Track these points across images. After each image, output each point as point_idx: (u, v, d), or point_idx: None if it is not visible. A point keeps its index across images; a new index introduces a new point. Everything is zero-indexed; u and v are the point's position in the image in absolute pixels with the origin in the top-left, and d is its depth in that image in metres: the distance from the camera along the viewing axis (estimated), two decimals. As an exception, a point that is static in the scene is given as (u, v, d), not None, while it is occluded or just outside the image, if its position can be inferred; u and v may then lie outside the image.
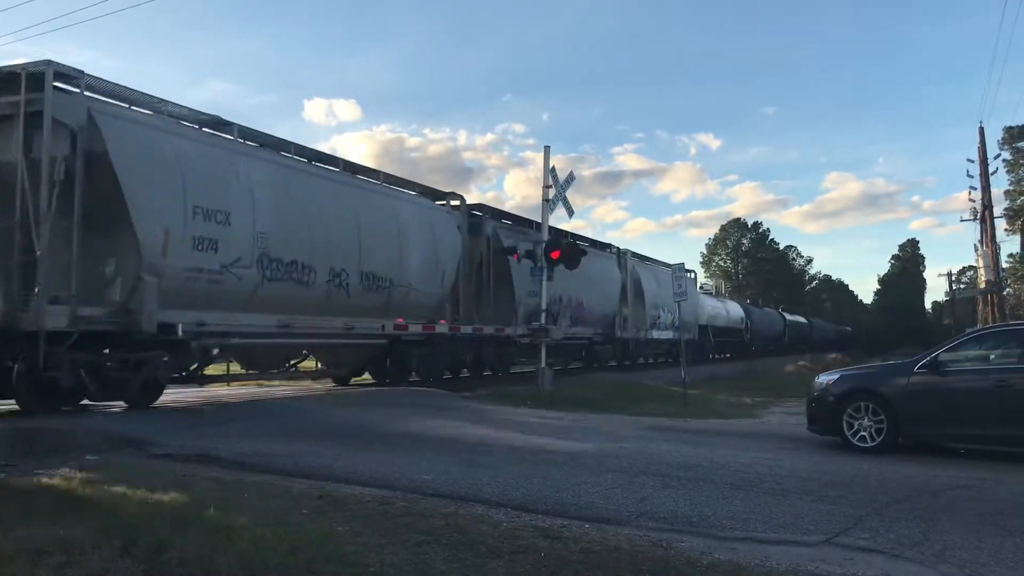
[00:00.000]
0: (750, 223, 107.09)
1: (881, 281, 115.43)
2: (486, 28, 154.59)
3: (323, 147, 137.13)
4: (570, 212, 20.68)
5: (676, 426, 13.20)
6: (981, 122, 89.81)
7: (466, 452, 9.62)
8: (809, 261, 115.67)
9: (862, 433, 10.20)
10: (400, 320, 17.80)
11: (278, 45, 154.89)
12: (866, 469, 8.87)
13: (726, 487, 7.73)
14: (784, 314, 67.73)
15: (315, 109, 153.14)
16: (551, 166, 20.08)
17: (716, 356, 45.00)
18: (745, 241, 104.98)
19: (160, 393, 13.35)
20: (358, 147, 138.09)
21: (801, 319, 75.23)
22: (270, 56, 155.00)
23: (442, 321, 19.20)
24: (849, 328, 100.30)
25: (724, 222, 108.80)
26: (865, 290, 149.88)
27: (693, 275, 37.35)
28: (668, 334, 32.15)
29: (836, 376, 11.06)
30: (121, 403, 12.74)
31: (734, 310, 48.28)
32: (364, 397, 16.55)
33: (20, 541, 5.06)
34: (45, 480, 7.09)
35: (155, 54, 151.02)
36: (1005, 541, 5.93)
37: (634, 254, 32.02)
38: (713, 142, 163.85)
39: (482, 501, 7.04)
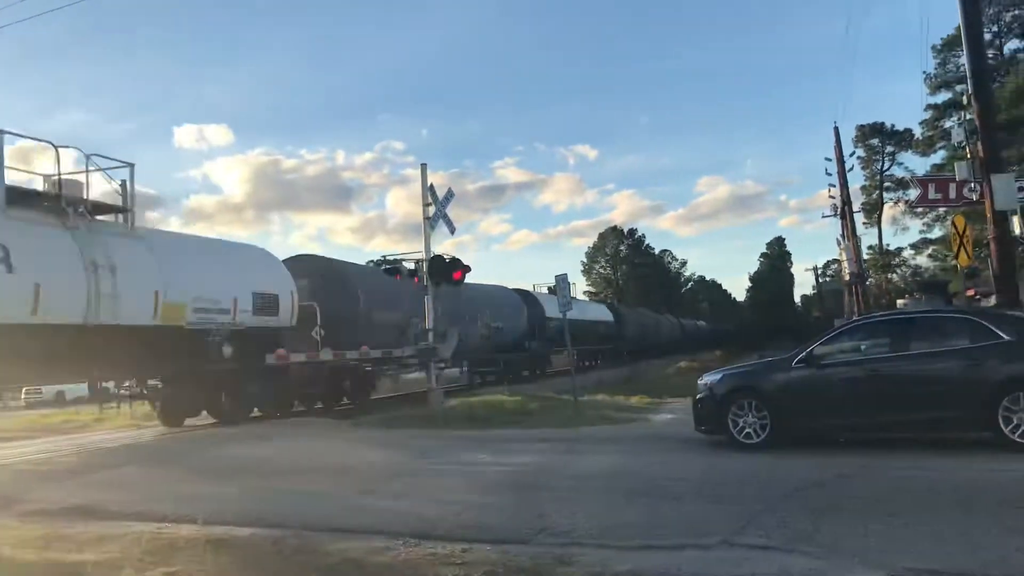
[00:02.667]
0: (626, 230, 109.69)
1: (752, 279, 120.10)
2: (355, 45, 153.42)
3: (195, 173, 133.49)
4: (451, 229, 20.57)
5: (569, 436, 13.24)
6: (835, 122, 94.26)
7: (361, 482, 9.38)
8: (684, 264, 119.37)
9: (747, 430, 10.45)
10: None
11: (134, 72, 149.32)
12: (755, 466, 9.09)
13: (623, 495, 7.79)
14: (659, 316, 69.39)
15: (185, 135, 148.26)
16: (429, 184, 19.96)
17: (594, 363, 45.38)
18: (623, 248, 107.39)
19: None
20: (231, 173, 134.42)
21: (674, 320, 77.32)
22: (127, 83, 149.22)
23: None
24: (727, 327, 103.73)
25: (603, 230, 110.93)
26: (738, 288, 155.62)
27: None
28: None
29: (719, 376, 11.30)
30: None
31: (603, 314, 48.68)
32: (238, 433, 15.95)
33: None
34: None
35: (3, 84, 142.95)
36: (891, 525, 6.15)
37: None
38: (591, 152, 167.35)
39: (381, 532, 6.84)
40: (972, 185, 16.64)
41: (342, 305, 21.40)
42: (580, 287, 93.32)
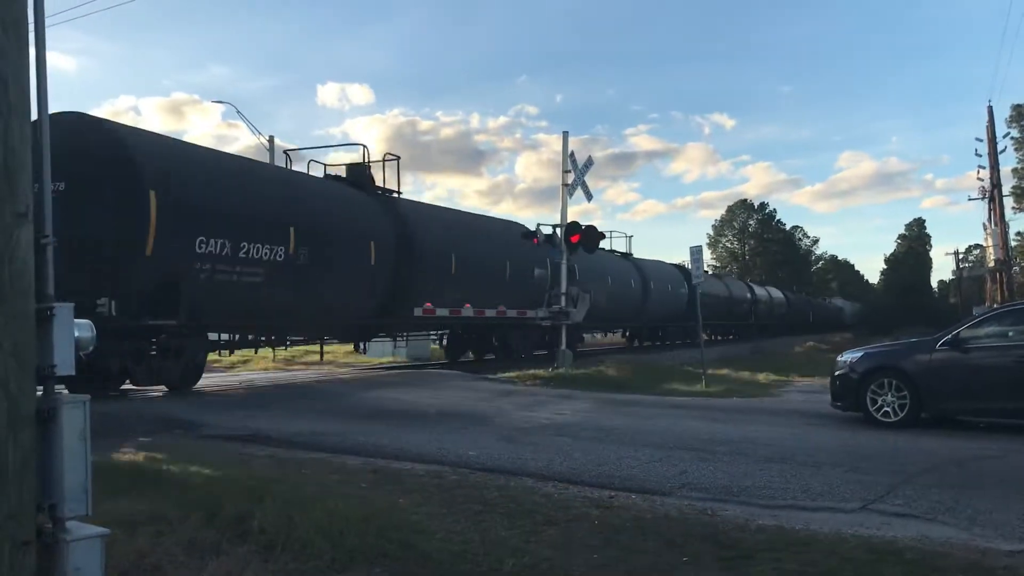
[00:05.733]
0: (757, 204, 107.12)
1: (887, 260, 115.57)
2: (498, 4, 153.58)
3: (335, 131, 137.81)
4: (588, 196, 20.92)
5: (701, 404, 13.51)
6: (990, 101, 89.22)
7: (503, 429, 9.95)
8: (815, 241, 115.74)
9: (885, 408, 10.52)
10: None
11: (278, 29, 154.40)
12: (892, 442, 9.20)
13: (761, 460, 8.05)
14: (787, 293, 67.84)
15: (328, 93, 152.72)
16: (570, 151, 20.33)
17: (723, 337, 45.20)
18: (751, 222, 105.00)
19: (199, 378, 13.73)
20: (370, 131, 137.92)
21: (806, 298, 75.42)
22: (270, 40, 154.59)
23: (467, 304, 19.58)
24: (858, 306, 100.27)
25: (732, 203, 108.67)
26: (871, 269, 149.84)
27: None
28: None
29: (859, 354, 11.37)
30: (162, 388, 13.13)
31: (738, 290, 48.37)
32: (391, 378, 16.90)
33: (112, 514, 5.38)
34: (114, 459, 7.42)
35: (152, 39, 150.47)
36: (1032, 505, 6.26)
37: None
38: (728, 121, 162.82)
39: (529, 474, 7.37)
40: None
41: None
42: (704, 260, 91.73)
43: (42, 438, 3.03)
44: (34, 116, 3.05)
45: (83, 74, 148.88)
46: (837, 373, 11.32)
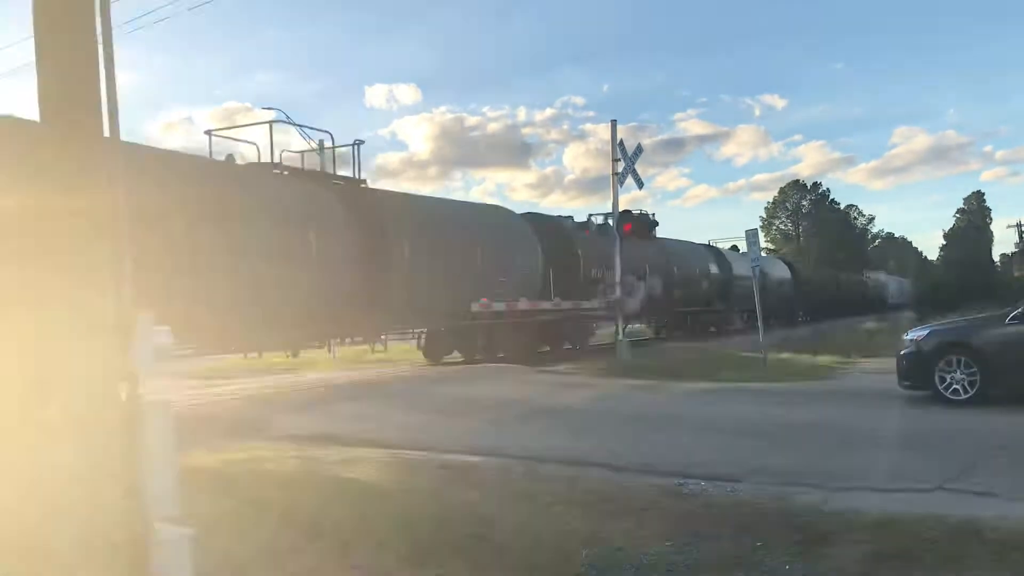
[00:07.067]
0: (810, 184, 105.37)
1: (946, 236, 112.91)
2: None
3: (384, 132, 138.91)
4: (639, 184, 20.78)
5: (763, 389, 13.37)
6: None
7: (566, 418, 9.98)
8: (871, 219, 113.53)
9: (955, 386, 10.29)
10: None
11: (323, 33, 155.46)
12: (963, 421, 9.01)
13: (831, 443, 7.97)
14: (843, 275, 66.19)
15: (375, 94, 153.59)
16: (619, 139, 20.24)
17: (776, 321, 44.22)
18: (805, 203, 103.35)
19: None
20: (417, 130, 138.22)
21: (861, 278, 73.69)
22: (316, 45, 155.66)
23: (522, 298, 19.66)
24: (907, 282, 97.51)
25: (784, 185, 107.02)
26: (930, 246, 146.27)
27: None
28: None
29: (926, 331, 11.15)
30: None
31: (786, 272, 47.22)
32: (459, 374, 17.01)
33: (192, 514, 5.52)
34: (190, 460, 7.60)
35: (200, 50, 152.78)
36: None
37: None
38: (779, 102, 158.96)
39: (597, 464, 7.38)
40: None
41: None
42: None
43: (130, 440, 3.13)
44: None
45: (138, 88, 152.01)
46: (904, 352, 11.10)
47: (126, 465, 3.10)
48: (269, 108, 17.42)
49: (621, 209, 21.64)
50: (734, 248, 39.34)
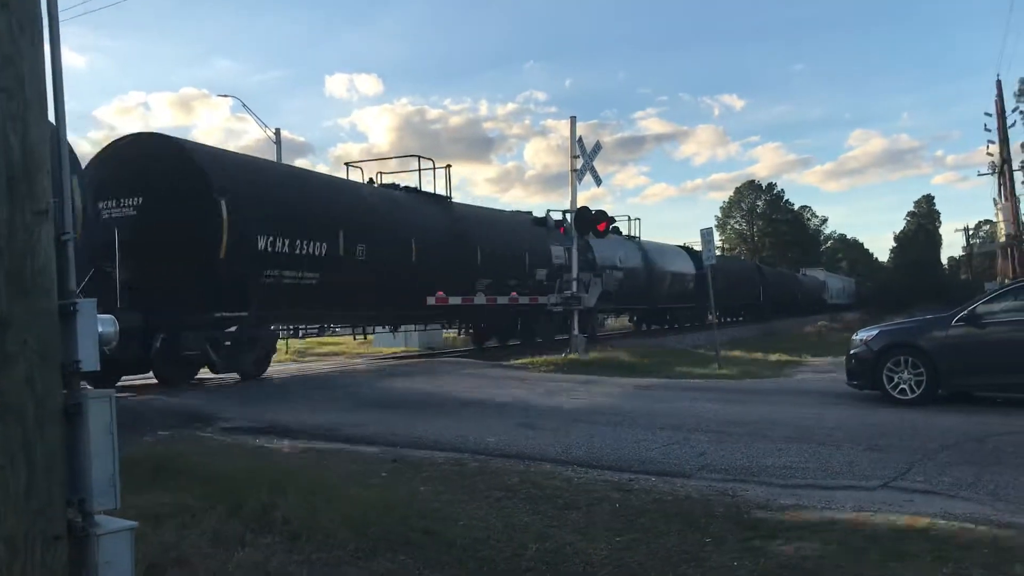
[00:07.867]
0: (765, 184, 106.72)
1: (897, 238, 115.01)
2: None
3: (344, 122, 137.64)
4: (597, 181, 20.89)
5: (716, 386, 13.52)
6: (998, 74, 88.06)
7: (520, 416, 9.97)
8: (824, 221, 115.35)
9: (902, 386, 10.47)
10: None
11: (284, 21, 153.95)
12: (910, 419, 9.16)
13: (779, 440, 8.04)
14: (797, 274, 67.14)
15: (336, 84, 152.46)
16: (578, 136, 20.28)
17: (731, 319, 44.74)
18: (760, 203, 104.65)
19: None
20: (378, 121, 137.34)
21: (818, 277, 74.81)
22: (277, 33, 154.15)
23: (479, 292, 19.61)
24: (868, 284, 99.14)
25: (740, 184, 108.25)
26: (881, 248, 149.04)
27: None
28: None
29: (875, 332, 11.33)
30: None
31: (743, 270, 48.14)
32: (404, 368, 16.93)
33: (137, 507, 5.41)
34: (136, 453, 7.46)
35: (158, 35, 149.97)
36: (1055, 480, 6.23)
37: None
38: (737, 102, 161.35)
39: (548, 459, 7.39)
40: None
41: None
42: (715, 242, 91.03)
43: (69, 433, 3.04)
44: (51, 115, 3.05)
45: (93, 71, 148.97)
46: (853, 351, 11.28)
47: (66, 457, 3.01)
48: (225, 96, 17.20)
49: (580, 206, 21.69)
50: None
